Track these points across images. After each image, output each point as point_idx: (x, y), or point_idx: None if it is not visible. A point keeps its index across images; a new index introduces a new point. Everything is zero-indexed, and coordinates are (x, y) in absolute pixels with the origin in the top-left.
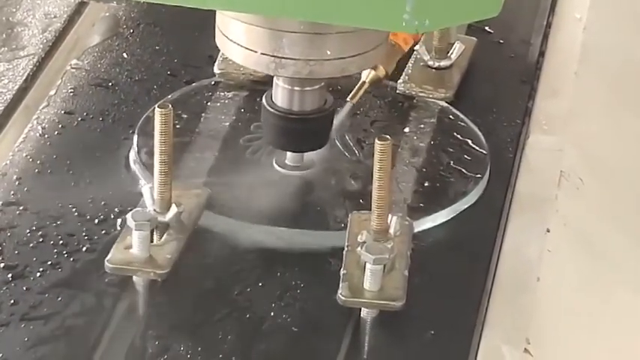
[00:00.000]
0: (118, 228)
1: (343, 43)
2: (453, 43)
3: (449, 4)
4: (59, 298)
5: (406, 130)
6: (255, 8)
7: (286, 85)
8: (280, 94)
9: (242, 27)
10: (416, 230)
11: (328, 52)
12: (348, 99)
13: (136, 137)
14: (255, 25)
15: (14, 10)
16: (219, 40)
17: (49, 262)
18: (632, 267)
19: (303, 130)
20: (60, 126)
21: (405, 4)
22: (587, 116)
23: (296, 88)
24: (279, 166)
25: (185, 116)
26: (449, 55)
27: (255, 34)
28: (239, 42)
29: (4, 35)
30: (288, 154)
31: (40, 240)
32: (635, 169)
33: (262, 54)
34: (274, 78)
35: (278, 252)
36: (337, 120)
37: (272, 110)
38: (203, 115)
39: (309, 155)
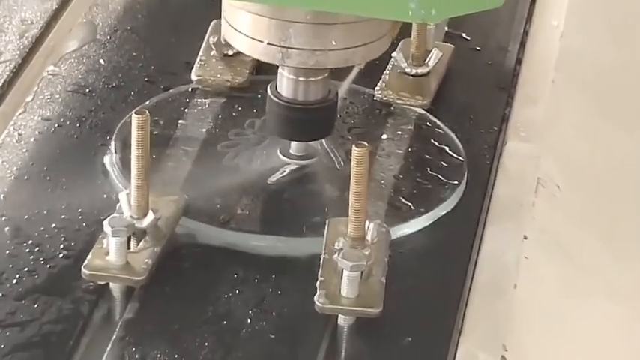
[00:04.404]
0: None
1: (349, 34)
2: (431, 50)
3: None
4: (36, 305)
5: (383, 136)
6: None
7: (291, 75)
8: (285, 84)
9: (249, 17)
10: (393, 237)
11: (334, 43)
12: None
13: (113, 143)
14: (262, 15)
15: None
16: (226, 30)
17: (26, 269)
18: (609, 273)
19: (307, 120)
20: (37, 132)
21: None
22: (564, 123)
23: (301, 79)
24: (283, 155)
25: (162, 122)
26: (426, 62)
27: (262, 24)
28: (245, 32)
29: None
30: (292, 143)
31: (16, 246)
32: (611, 176)
33: (269, 44)
34: (279, 68)
35: (255, 258)
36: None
37: (277, 100)
38: (180, 121)
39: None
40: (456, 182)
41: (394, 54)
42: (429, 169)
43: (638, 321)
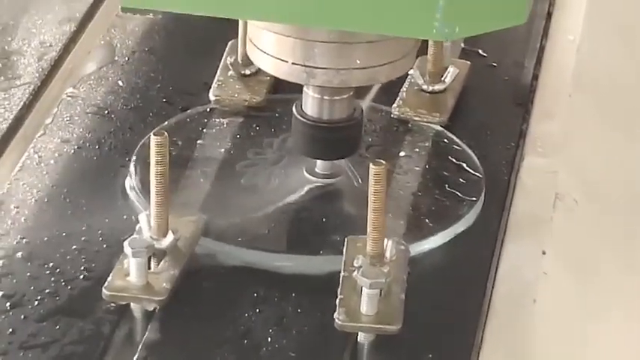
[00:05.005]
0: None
1: (373, 52)
2: (447, 67)
3: (477, 12)
4: (57, 326)
5: (401, 154)
6: (288, 18)
7: (316, 94)
8: (310, 103)
9: (273, 37)
10: (412, 254)
11: (358, 62)
12: None
13: (132, 164)
14: (286, 35)
15: (10, 39)
16: (250, 50)
17: (47, 291)
18: (627, 289)
19: (333, 139)
20: (56, 154)
21: (435, 12)
22: (580, 137)
23: (326, 97)
24: (308, 174)
25: (181, 143)
26: (443, 78)
27: (287, 44)
28: (270, 52)
29: (0, 64)
30: (318, 162)
31: (37, 268)
32: (628, 190)
33: (294, 64)
34: (304, 87)
35: (274, 277)
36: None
37: (302, 119)
38: (199, 141)
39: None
40: (474, 198)
41: (411, 71)
42: (446, 185)
43: None
